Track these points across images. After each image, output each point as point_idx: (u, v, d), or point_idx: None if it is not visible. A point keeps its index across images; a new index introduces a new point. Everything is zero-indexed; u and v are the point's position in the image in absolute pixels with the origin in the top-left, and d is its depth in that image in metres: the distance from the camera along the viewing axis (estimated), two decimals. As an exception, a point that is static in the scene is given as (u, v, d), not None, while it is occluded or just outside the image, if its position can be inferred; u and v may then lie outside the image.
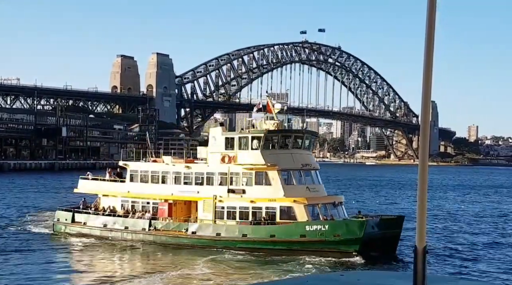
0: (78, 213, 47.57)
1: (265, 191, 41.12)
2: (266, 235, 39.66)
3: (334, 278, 4.09)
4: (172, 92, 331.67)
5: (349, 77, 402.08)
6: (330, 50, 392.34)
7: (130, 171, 47.79)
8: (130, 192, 46.91)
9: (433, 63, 2.95)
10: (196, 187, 43.86)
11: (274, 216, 40.64)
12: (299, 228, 38.97)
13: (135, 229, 44.33)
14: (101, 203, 48.53)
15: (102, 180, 50.03)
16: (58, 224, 47.80)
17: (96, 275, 33.32)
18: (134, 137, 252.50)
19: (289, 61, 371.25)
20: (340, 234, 38.02)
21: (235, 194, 42.02)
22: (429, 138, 3.16)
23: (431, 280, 3.37)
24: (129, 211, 46.25)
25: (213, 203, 42.47)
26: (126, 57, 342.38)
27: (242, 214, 41.59)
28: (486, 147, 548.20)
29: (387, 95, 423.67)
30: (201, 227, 42.00)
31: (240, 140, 42.60)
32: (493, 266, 38.03)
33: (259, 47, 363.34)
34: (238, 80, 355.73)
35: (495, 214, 74.42)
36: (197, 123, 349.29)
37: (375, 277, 4.14)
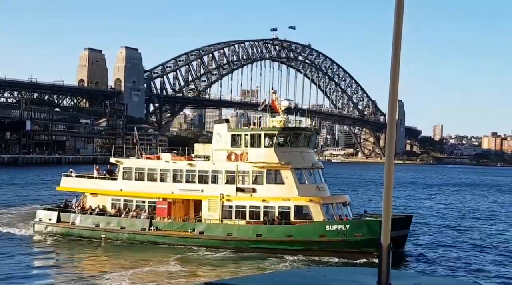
0: (64, 212, 44.55)
1: (278, 190, 39.56)
2: (282, 235, 38.02)
3: (301, 273, 4.10)
4: (141, 87, 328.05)
5: (319, 75, 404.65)
6: (300, 48, 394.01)
7: (123, 168, 44.79)
8: (123, 190, 44.12)
9: (400, 63, 3.00)
10: (200, 185, 41.79)
11: (288, 215, 39.12)
12: (318, 228, 37.63)
13: (133, 229, 41.76)
14: (87, 202, 45.45)
15: (90, 177, 46.53)
16: (40, 224, 44.57)
17: (73, 273, 32.39)
18: (102, 132, 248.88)
19: (259, 58, 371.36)
20: (361, 234, 37.04)
21: (245, 193, 40.23)
22: (395, 137, 3.19)
23: (395, 276, 3.44)
24: (121, 211, 43.69)
25: (219, 202, 40.55)
26: (94, 51, 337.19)
27: (252, 214, 39.85)
28: (450, 146, 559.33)
29: (356, 93, 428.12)
30: (210, 227, 39.94)
31: (251, 137, 41.01)
32: (458, 264, 38.61)
33: (229, 43, 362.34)
34: (208, 76, 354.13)
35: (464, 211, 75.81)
36: (166, 119, 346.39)
37: (341, 273, 4.19)
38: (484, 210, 79.76)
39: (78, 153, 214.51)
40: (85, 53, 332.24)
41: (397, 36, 2.93)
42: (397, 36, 2.93)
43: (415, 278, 3.86)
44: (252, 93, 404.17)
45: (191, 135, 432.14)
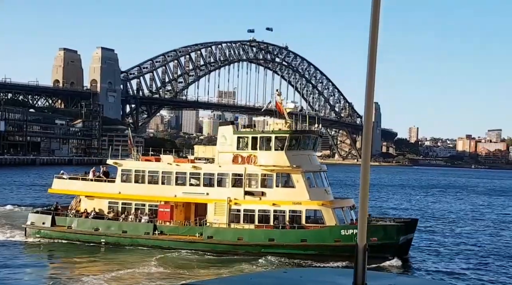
0: (59, 216, 42.80)
1: (289, 194, 38.71)
2: (296, 240, 37.33)
3: (277, 275, 4.10)
4: (117, 88, 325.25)
5: (296, 77, 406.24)
6: (277, 50, 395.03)
7: (122, 171, 43.20)
8: (122, 193, 42.53)
9: (376, 65, 3.00)
10: (205, 188, 40.62)
11: (300, 220, 38.41)
12: (333, 233, 37.05)
13: (136, 233, 40.28)
14: (82, 205, 43.58)
15: (85, 179, 44.72)
16: (32, 229, 42.79)
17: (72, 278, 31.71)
18: (77, 133, 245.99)
19: (236, 59, 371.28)
20: (377, 238, 36.57)
21: (253, 196, 39.29)
22: (371, 139, 3.20)
23: (370, 276, 3.47)
24: (119, 214, 42.22)
25: (227, 206, 39.53)
26: (69, 51, 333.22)
27: (262, 218, 38.97)
28: (426, 148, 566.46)
29: (333, 95, 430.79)
30: (219, 232, 38.83)
31: (261, 140, 40.12)
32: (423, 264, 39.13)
33: (206, 44, 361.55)
34: (185, 77, 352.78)
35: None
36: (142, 120, 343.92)
37: (318, 274, 4.18)
38: (461, 212, 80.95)
39: (53, 154, 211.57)
40: (60, 53, 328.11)
41: (373, 39, 2.92)
42: (373, 39, 2.92)
43: (390, 278, 3.89)
44: (229, 95, 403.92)
45: (168, 136, 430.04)
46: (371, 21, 2.89)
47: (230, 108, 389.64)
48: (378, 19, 2.88)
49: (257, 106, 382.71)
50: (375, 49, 2.95)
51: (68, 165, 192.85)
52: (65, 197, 50.70)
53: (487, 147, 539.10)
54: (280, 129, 40.73)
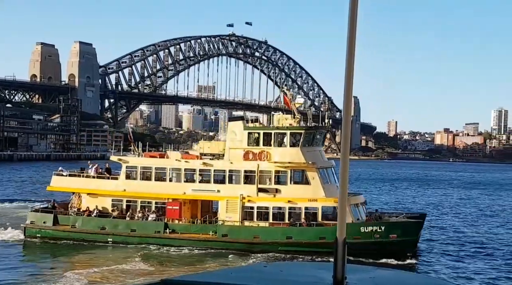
0: (62, 215, 41.16)
1: (304, 191, 38.04)
2: (314, 238, 36.70)
3: (258, 269, 4.11)
4: (96, 82, 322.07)
5: (275, 71, 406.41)
6: (257, 44, 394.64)
7: (127, 168, 41.61)
8: (127, 190, 41.04)
9: (354, 60, 3.01)
10: (216, 185, 39.66)
11: (315, 217, 37.85)
12: (353, 229, 36.20)
13: (145, 232, 38.89)
14: (83, 203, 41.93)
15: (87, 176, 42.73)
16: (32, 228, 40.88)
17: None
18: (55, 128, 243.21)
19: (216, 54, 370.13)
20: (396, 235, 36.53)
21: (267, 193, 38.52)
22: (350, 133, 3.22)
23: (350, 269, 3.52)
24: (123, 212, 40.74)
25: (239, 203, 38.61)
26: (47, 45, 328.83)
27: (276, 215, 38.25)
28: (404, 142, 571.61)
29: (312, 90, 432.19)
30: (234, 230, 37.97)
31: (275, 136, 39.24)
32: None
33: (186, 38, 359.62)
34: (165, 71, 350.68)
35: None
36: (121, 115, 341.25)
37: (298, 268, 4.20)
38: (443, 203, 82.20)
39: (31, 150, 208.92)
40: (38, 48, 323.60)
41: (351, 34, 2.92)
42: (351, 34, 2.92)
43: (370, 271, 3.96)
44: (209, 89, 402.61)
45: (147, 131, 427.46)
46: (349, 16, 2.89)
47: (210, 102, 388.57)
48: (356, 14, 2.88)
49: (236, 101, 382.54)
50: (353, 44, 2.94)
51: (46, 160, 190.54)
52: (58, 194, 49.28)
53: (464, 140, 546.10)
54: (291, 125, 39.81)
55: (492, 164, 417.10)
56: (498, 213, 71.33)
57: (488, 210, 74.08)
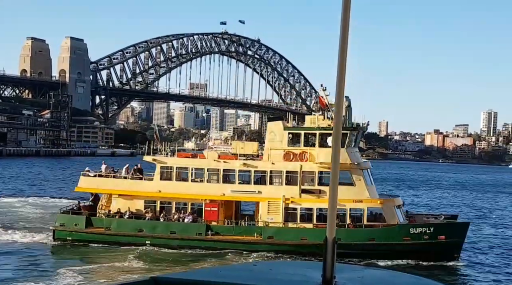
0: (95, 217, 39.58)
1: (349, 192, 37.29)
2: (364, 239, 36.36)
3: (247, 268, 4.11)
4: (87, 78, 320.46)
5: (268, 70, 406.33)
6: (249, 43, 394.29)
7: (161, 168, 40.24)
8: (162, 191, 39.70)
9: (346, 59, 3.02)
10: (257, 186, 38.81)
11: (361, 218, 37.53)
12: (403, 231, 36.31)
13: (186, 234, 37.69)
14: (114, 205, 40.33)
15: (118, 177, 41.19)
16: (63, 231, 39.00)
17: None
18: (45, 124, 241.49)
19: (208, 52, 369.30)
20: (445, 236, 36.34)
21: (311, 194, 37.96)
22: (341, 133, 3.22)
23: (339, 269, 3.54)
24: (156, 214, 39.34)
25: (282, 205, 37.93)
26: (37, 40, 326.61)
27: (320, 217, 37.60)
28: (395, 142, 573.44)
29: (304, 89, 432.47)
30: (281, 231, 37.13)
31: (320, 136, 38.62)
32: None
33: (178, 36, 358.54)
34: (156, 68, 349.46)
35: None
36: (112, 111, 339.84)
37: (287, 267, 4.22)
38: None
39: (20, 145, 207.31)
40: (28, 43, 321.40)
41: (344, 32, 2.93)
42: (344, 32, 2.93)
43: (358, 271, 3.98)
44: (201, 87, 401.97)
45: (138, 128, 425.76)
46: (342, 16, 2.89)
47: (202, 100, 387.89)
48: (349, 14, 2.89)
49: (229, 99, 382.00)
50: (346, 43, 2.95)
51: (36, 156, 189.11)
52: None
53: (454, 141, 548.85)
54: (329, 125, 38.91)
55: (481, 166, 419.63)
56: None
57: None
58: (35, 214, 49.90)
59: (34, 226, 43.11)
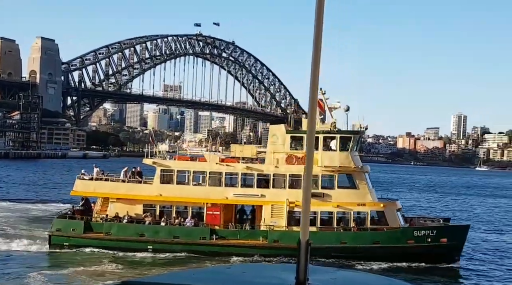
0: (94, 221, 38.35)
1: (352, 196, 37.77)
2: (369, 242, 36.59)
3: (220, 270, 4.08)
4: (58, 79, 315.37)
5: (242, 73, 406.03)
6: (224, 45, 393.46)
7: (162, 171, 39.32)
8: (163, 195, 38.76)
9: (320, 63, 3.03)
10: (260, 190, 38.41)
11: (364, 222, 37.64)
12: (406, 234, 36.79)
13: (190, 238, 36.98)
14: (111, 209, 39.10)
15: (116, 180, 40.13)
16: (59, 236, 37.51)
17: None
18: (14, 125, 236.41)
19: (183, 53, 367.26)
20: (446, 239, 36.72)
21: (315, 198, 37.14)
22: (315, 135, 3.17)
23: (312, 271, 3.57)
24: (156, 218, 38.39)
25: (286, 208, 37.58)
26: (7, 40, 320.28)
27: (324, 220, 37.83)
28: (368, 145, 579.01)
29: (279, 91, 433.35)
30: (286, 235, 36.44)
31: (324, 140, 38.35)
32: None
33: (152, 37, 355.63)
34: (130, 70, 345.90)
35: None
36: (84, 113, 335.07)
37: (261, 269, 4.21)
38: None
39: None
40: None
41: (317, 36, 2.93)
42: (317, 36, 2.93)
43: (331, 272, 3.99)
44: (175, 89, 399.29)
45: (111, 130, 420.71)
46: (316, 19, 2.89)
47: (176, 102, 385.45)
48: (322, 17, 2.90)
49: (203, 101, 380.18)
50: (319, 46, 2.95)
51: (4, 158, 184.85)
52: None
53: (425, 144, 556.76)
54: (332, 129, 39.21)
55: (451, 168, 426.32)
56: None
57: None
58: (16, 219, 47.63)
59: (19, 233, 40.73)
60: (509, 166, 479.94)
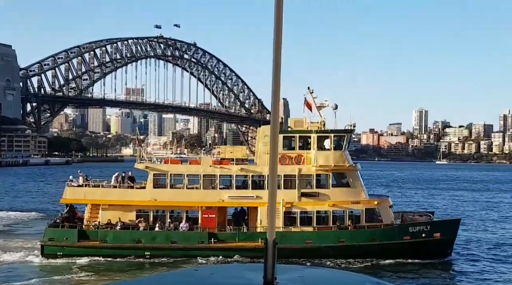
0: (88, 229, 37.24)
1: (347, 194, 38.14)
2: (366, 240, 36.79)
3: (189, 273, 4.09)
4: (16, 85, 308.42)
5: (205, 74, 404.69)
6: (185, 46, 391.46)
7: (154, 175, 38.52)
8: (157, 200, 37.93)
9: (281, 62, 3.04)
10: (255, 191, 38.16)
11: (359, 219, 37.93)
12: (402, 230, 37.30)
13: (188, 243, 36.37)
14: (102, 216, 37.94)
15: (107, 186, 39.18)
16: (52, 246, 36.07)
17: None
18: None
19: (144, 56, 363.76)
20: (440, 233, 37.33)
21: (310, 197, 38.00)
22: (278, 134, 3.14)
23: (280, 270, 3.57)
24: (150, 223, 37.59)
25: (282, 209, 37.30)
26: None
27: (320, 219, 37.87)
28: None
29: (242, 92, 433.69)
30: (285, 236, 36.26)
31: (318, 139, 38.80)
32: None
33: (112, 40, 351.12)
34: (90, 74, 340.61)
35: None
36: (45, 119, 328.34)
37: (228, 270, 4.23)
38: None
39: None
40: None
41: (278, 36, 2.93)
42: (278, 36, 2.93)
43: (299, 270, 4.02)
44: (137, 92, 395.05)
45: (73, 135, 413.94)
46: (275, 19, 2.90)
47: (139, 105, 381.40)
48: (281, 17, 2.90)
49: (166, 103, 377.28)
50: (279, 46, 2.96)
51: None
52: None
53: (388, 140, 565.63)
54: (320, 128, 39.58)
55: (414, 163, 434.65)
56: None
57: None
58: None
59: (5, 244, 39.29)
60: (470, 158, 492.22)
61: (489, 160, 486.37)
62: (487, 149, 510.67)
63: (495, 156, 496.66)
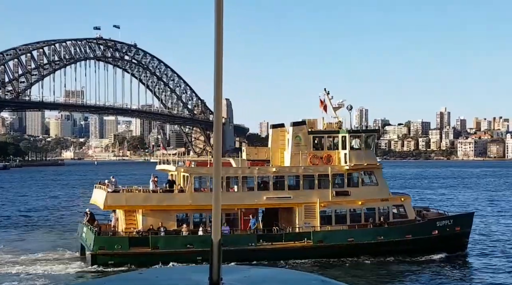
0: (140, 237, 36.65)
1: (375, 192, 39.44)
2: (400, 236, 38.03)
3: (133, 277, 4.02)
4: None
5: (147, 75, 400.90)
6: (126, 47, 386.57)
7: (195, 178, 38.61)
8: (195, 203, 37.30)
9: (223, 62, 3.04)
10: (290, 192, 38.70)
11: (388, 216, 39.18)
12: (431, 225, 38.90)
13: (238, 245, 35.86)
14: (141, 221, 37.44)
15: (146, 191, 38.81)
16: (104, 255, 35.54)
17: None
18: None
19: (83, 58, 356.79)
20: (460, 227, 38.93)
21: (342, 196, 38.90)
22: (222, 135, 3.26)
23: (226, 271, 3.61)
24: (190, 227, 37.49)
25: (317, 208, 38.32)
26: None
27: (353, 217, 38.96)
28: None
29: (185, 93, 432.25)
30: (328, 235, 37.70)
31: (350, 138, 39.88)
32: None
33: (49, 42, 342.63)
34: (28, 76, 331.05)
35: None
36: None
37: (173, 273, 4.20)
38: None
39: None
40: None
41: (219, 37, 2.92)
42: (219, 37, 2.92)
43: (245, 271, 4.04)
44: (77, 94, 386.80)
45: (10, 139, 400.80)
46: (215, 19, 2.89)
47: (79, 108, 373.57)
48: (222, 17, 2.90)
49: (107, 105, 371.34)
50: (221, 47, 2.95)
51: None
52: None
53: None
54: (335, 128, 41.19)
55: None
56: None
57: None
58: None
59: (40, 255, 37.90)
60: (409, 156, 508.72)
61: (427, 156, 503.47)
62: (425, 146, 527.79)
63: (433, 153, 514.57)
